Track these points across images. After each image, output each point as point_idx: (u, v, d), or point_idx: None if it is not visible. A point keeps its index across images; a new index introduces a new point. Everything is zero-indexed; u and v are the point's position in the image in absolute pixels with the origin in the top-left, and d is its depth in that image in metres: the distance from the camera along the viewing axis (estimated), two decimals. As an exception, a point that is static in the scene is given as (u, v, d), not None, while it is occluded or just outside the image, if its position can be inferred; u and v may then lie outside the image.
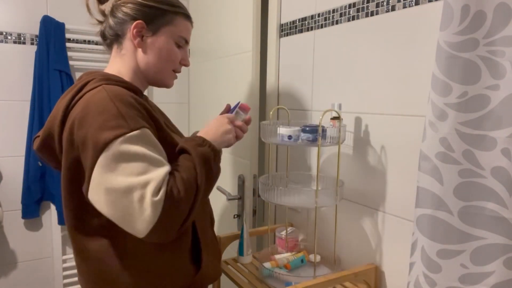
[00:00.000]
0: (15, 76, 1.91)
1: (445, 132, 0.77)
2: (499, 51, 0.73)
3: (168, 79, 1.03)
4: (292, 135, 1.08)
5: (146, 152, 0.80)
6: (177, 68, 1.03)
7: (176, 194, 0.80)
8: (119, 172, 0.78)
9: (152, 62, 0.98)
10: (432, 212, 0.80)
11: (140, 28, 0.95)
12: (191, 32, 1.05)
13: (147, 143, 0.82)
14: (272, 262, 1.19)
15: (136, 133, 0.80)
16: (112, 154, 0.78)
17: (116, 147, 0.78)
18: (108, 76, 0.93)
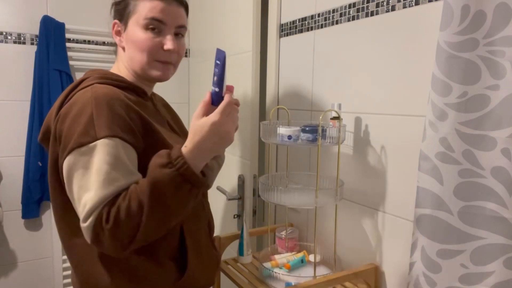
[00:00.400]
0: (15, 76, 1.91)
1: (445, 132, 0.77)
2: (499, 51, 0.73)
3: (151, 71, 0.94)
4: (292, 135, 1.08)
5: (100, 168, 0.77)
6: (160, 56, 0.93)
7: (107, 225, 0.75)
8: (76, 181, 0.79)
9: (131, 58, 0.94)
10: (432, 212, 0.80)
11: (116, 28, 0.96)
12: (164, 9, 0.92)
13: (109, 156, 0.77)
14: (272, 262, 1.19)
15: (100, 142, 0.77)
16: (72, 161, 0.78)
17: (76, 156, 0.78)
18: (105, 75, 0.92)
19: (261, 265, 1.17)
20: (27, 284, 2.02)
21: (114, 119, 0.80)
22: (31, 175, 1.89)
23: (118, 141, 0.79)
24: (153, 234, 0.81)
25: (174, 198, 0.78)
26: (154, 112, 0.99)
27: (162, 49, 0.93)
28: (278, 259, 1.21)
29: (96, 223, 0.76)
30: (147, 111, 0.93)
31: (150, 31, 0.92)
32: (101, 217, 0.75)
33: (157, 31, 0.92)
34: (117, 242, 0.77)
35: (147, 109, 0.94)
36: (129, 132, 0.82)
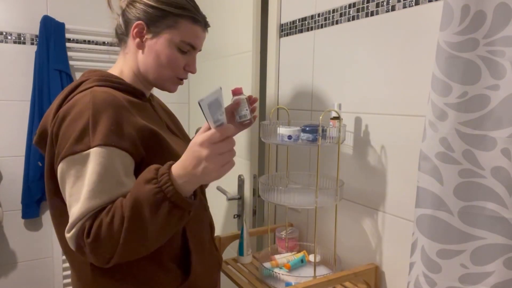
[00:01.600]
0: (15, 76, 1.91)
1: (445, 132, 0.77)
2: (499, 51, 0.73)
3: (168, 85, 0.98)
4: (292, 135, 1.08)
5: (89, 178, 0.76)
6: (180, 74, 0.97)
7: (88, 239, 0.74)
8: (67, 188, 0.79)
9: (150, 66, 0.94)
10: (432, 212, 0.80)
11: (141, 29, 0.92)
12: (200, 36, 0.97)
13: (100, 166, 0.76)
14: (272, 262, 1.19)
15: (93, 150, 0.76)
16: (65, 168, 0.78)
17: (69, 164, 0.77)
18: (104, 77, 0.91)
19: (261, 265, 1.17)
20: (27, 284, 2.02)
21: (111, 126, 0.78)
22: (31, 175, 1.89)
23: (113, 149, 0.77)
24: (134, 252, 0.78)
25: (154, 218, 0.73)
26: (153, 114, 0.98)
27: (183, 68, 0.97)
28: (278, 259, 1.21)
29: (78, 235, 0.75)
30: (147, 114, 0.93)
31: (180, 52, 0.94)
32: (83, 230, 0.75)
33: (186, 53, 0.96)
34: (98, 256, 0.76)
35: (146, 112, 0.94)
36: (127, 140, 0.80)
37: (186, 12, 0.93)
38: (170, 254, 0.90)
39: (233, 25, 1.70)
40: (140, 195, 0.73)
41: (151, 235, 0.76)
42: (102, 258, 0.77)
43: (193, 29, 0.95)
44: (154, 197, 0.73)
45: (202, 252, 0.97)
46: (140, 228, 0.74)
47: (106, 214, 0.75)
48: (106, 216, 0.75)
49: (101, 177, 0.76)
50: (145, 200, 0.73)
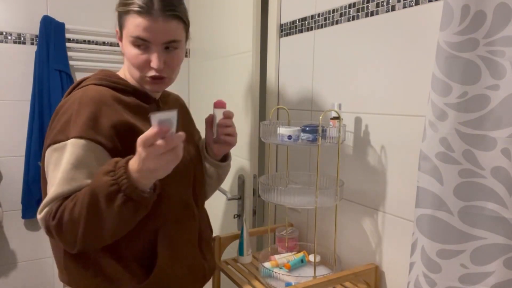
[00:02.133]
0: (15, 76, 1.91)
1: (445, 132, 0.77)
2: (499, 51, 0.73)
3: (144, 84, 0.96)
4: (292, 135, 1.08)
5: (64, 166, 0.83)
6: (148, 72, 0.92)
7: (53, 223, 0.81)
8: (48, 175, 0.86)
9: (128, 67, 0.97)
10: (432, 212, 0.80)
11: (117, 35, 0.98)
12: (149, 27, 0.88)
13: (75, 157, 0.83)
14: (272, 262, 1.19)
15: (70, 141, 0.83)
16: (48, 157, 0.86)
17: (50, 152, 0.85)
18: (105, 76, 0.95)
19: (261, 265, 1.17)
20: (27, 284, 2.02)
21: (90, 121, 0.84)
22: (31, 175, 1.89)
23: (87, 142, 0.83)
24: (94, 240, 0.84)
25: (109, 208, 0.77)
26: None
27: (149, 66, 0.92)
28: (278, 259, 1.21)
29: (46, 217, 0.83)
30: (142, 115, 0.94)
31: (137, 48, 0.90)
32: (50, 212, 0.82)
33: (143, 48, 0.90)
34: (62, 239, 0.83)
35: (143, 113, 0.94)
36: (102, 134, 0.85)
37: (129, 7, 0.89)
38: (134, 252, 0.92)
39: (233, 25, 1.70)
40: (97, 186, 0.78)
41: (107, 225, 0.80)
42: (66, 242, 0.83)
43: (138, 21, 0.88)
44: (109, 188, 0.76)
45: (175, 259, 0.96)
46: (96, 217, 0.79)
47: (71, 200, 0.81)
48: (70, 202, 0.81)
49: (73, 166, 0.82)
50: (101, 191, 0.77)
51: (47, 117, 1.88)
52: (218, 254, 1.29)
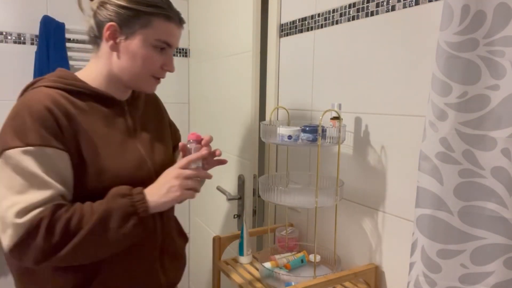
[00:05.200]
0: (15, 76, 1.90)
1: (445, 132, 0.77)
2: (499, 51, 0.73)
3: (145, 85, 0.96)
4: (292, 135, 1.08)
5: (32, 171, 0.78)
6: (157, 73, 0.95)
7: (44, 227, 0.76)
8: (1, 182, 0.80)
9: (126, 67, 0.92)
10: (432, 212, 0.80)
11: (113, 31, 0.91)
12: (175, 33, 0.94)
13: (41, 162, 0.79)
14: (272, 262, 1.19)
15: (31, 148, 0.78)
16: (3, 163, 0.79)
17: (6, 157, 0.79)
18: (59, 78, 0.90)
19: (261, 265, 1.17)
20: (27, 284, 2.02)
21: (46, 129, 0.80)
22: (31, 175, 1.89)
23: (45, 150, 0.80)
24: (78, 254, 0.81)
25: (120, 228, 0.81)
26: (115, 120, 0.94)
27: (160, 68, 0.95)
28: (278, 259, 1.21)
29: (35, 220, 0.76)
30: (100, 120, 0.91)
31: (155, 50, 0.92)
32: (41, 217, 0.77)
33: (160, 51, 0.93)
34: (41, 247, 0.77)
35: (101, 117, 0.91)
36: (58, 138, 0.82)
37: (158, 10, 0.90)
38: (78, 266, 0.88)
39: (233, 25, 1.70)
40: (113, 206, 0.82)
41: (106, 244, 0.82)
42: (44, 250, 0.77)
43: (167, 26, 0.92)
44: (127, 209, 0.82)
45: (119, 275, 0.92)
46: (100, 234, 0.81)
47: (65, 211, 0.79)
48: (65, 213, 0.79)
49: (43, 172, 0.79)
50: (117, 211, 0.81)
51: (47, 117, 1.88)
52: (218, 254, 1.30)
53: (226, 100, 1.81)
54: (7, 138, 0.79)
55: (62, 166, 0.82)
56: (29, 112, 0.81)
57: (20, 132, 0.79)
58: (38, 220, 0.77)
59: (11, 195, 0.78)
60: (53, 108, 0.82)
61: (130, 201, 0.83)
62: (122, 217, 0.81)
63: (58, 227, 0.78)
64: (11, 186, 0.79)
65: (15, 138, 0.79)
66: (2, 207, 0.78)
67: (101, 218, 0.80)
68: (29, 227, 0.77)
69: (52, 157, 0.80)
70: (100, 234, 0.81)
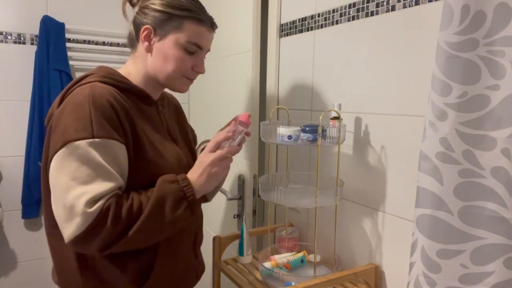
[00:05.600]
0: (15, 76, 1.91)
1: (445, 132, 0.77)
2: (499, 51, 0.73)
3: (177, 85, 1.01)
4: (292, 135, 1.08)
5: (99, 162, 0.81)
6: (188, 74, 1.00)
7: (112, 214, 0.81)
8: (66, 172, 0.81)
9: (159, 67, 0.97)
10: (432, 212, 0.80)
11: (148, 33, 0.95)
12: (206, 36, 0.99)
13: (105, 154, 0.82)
14: (272, 262, 1.19)
15: (97, 140, 0.81)
16: (68, 153, 0.81)
17: (72, 148, 0.81)
18: (109, 74, 0.94)
19: (261, 265, 1.17)
20: (27, 284, 2.02)
21: (109, 122, 0.84)
22: (31, 175, 1.89)
23: (111, 142, 0.83)
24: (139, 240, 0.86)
25: (172, 212, 0.86)
26: (153, 118, 1.00)
27: (191, 69, 0.99)
28: (278, 259, 1.21)
29: (102, 210, 0.80)
30: (143, 117, 0.95)
31: (187, 52, 0.96)
32: (109, 206, 0.81)
33: (193, 53, 0.98)
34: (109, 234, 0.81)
35: (144, 115, 0.96)
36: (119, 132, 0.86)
37: (190, 14, 0.95)
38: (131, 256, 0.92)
39: (233, 25, 1.70)
40: (165, 191, 0.87)
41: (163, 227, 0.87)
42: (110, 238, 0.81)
43: (199, 29, 0.96)
44: (178, 194, 0.88)
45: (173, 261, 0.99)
46: (157, 218, 0.85)
47: (126, 199, 0.84)
48: (126, 201, 0.84)
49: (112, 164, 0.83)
50: (169, 196, 0.86)
51: (47, 117, 1.88)
52: (218, 254, 1.30)
53: (226, 100, 1.81)
54: (71, 130, 0.81)
55: (122, 158, 0.86)
56: (94, 105, 0.83)
57: (86, 124, 0.82)
58: (106, 208, 0.81)
59: (77, 185, 0.81)
60: (114, 103, 0.86)
61: (179, 186, 0.88)
62: (174, 201, 0.87)
63: (123, 213, 0.82)
64: (76, 177, 0.81)
65: (81, 130, 0.81)
66: (70, 197, 0.80)
67: (157, 203, 0.85)
68: (98, 215, 0.80)
69: (115, 149, 0.84)
70: (157, 217, 0.85)
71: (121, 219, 0.82)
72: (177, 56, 0.96)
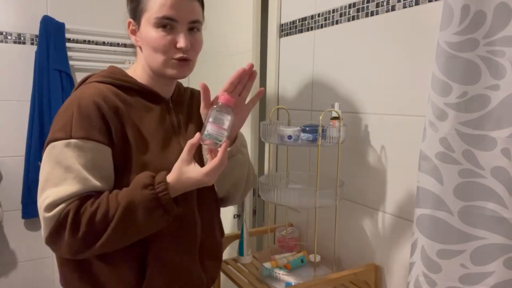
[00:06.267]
0: (15, 76, 1.91)
1: (445, 132, 0.77)
2: (499, 51, 0.73)
3: (166, 70, 0.91)
4: (292, 135, 1.08)
5: (69, 164, 0.80)
6: (173, 54, 0.89)
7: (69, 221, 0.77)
8: (43, 172, 0.83)
9: (147, 57, 0.92)
10: (432, 212, 0.80)
11: (131, 27, 0.93)
12: (177, 5, 0.87)
13: (81, 155, 0.80)
14: (272, 262, 1.19)
15: (74, 141, 0.80)
16: (47, 154, 0.82)
17: (50, 148, 0.81)
18: (110, 74, 0.93)
19: (261, 265, 1.17)
20: (27, 284, 2.02)
21: (91, 121, 0.82)
22: (31, 175, 1.89)
23: (93, 143, 0.81)
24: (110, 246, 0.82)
25: (145, 221, 0.81)
26: (161, 116, 0.95)
27: (175, 47, 0.89)
28: (278, 259, 1.21)
29: (60, 216, 0.78)
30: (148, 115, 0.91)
31: (162, 29, 0.88)
32: (66, 211, 0.78)
33: (169, 28, 0.88)
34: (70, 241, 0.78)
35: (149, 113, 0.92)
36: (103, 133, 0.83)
37: None
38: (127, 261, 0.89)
39: (233, 25, 1.70)
40: (135, 198, 0.80)
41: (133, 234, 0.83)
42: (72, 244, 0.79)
43: (163, 0, 0.87)
44: (150, 203, 0.80)
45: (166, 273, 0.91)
46: (126, 226, 0.80)
47: (91, 204, 0.79)
48: (91, 206, 0.79)
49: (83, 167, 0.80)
50: (140, 204, 0.79)
51: (47, 117, 1.88)
52: (218, 254, 1.30)
53: (226, 100, 1.81)
54: (54, 130, 0.82)
55: (102, 160, 0.83)
56: (78, 106, 0.82)
57: (66, 125, 0.81)
58: (65, 214, 0.78)
59: (48, 188, 0.81)
60: (101, 103, 0.84)
61: (152, 193, 0.80)
62: (146, 210, 0.80)
63: (83, 221, 0.78)
64: (49, 178, 0.81)
65: (61, 130, 0.81)
66: (40, 199, 0.81)
67: (125, 212, 0.79)
68: (56, 221, 0.78)
69: (94, 150, 0.81)
70: (127, 226, 0.81)
71: (80, 227, 0.78)
72: (153, 37, 0.88)
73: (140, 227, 0.82)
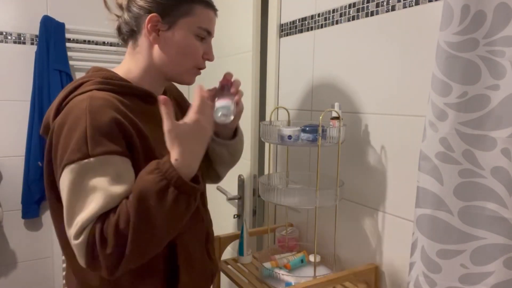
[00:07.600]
0: (15, 76, 1.91)
1: (445, 132, 0.77)
2: (499, 51, 0.73)
3: (187, 77, 0.93)
4: (292, 135, 1.08)
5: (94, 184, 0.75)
6: (200, 63, 0.92)
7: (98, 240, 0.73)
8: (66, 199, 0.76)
9: (169, 59, 0.88)
10: (432, 212, 0.80)
11: (155, 22, 0.86)
12: (214, 21, 0.92)
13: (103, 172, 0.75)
14: (272, 262, 1.19)
15: (93, 160, 0.75)
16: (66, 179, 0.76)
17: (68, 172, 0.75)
18: (106, 79, 0.86)
19: (261, 265, 1.17)
20: (27, 284, 2.02)
21: (107, 133, 0.77)
22: (31, 175, 1.89)
23: (114, 157, 0.77)
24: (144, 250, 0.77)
25: (160, 207, 0.74)
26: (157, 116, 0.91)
27: (202, 58, 0.92)
28: (278, 259, 1.21)
29: (89, 239, 0.74)
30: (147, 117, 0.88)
31: (199, 39, 0.89)
32: (92, 233, 0.74)
33: (203, 40, 0.91)
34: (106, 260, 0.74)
35: (147, 115, 0.89)
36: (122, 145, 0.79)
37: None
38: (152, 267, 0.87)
39: (233, 25, 1.70)
40: (144, 186, 0.74)
41: (159, 227, 0.75)
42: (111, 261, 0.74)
43: (208, 13, 0.89)
44: (159, 184, 0.73)
45: (192, 265, 0.93)
46: (147, 220, 0.74)
47: (113, 215, 0.75)
48: (113, 217, 0.74)
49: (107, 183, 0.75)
50: (149, 190, 0.73)
51: (47, 117, 1.88)
52: (218, 254, 1.29)
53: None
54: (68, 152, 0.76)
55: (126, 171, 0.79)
56: (90, 121, 0.76)
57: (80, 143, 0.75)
58: (92, 235, 0.74)
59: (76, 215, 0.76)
60: (117, 116, 0.78)
61: (158, 175, 0.74)
62: (158, 194, 0.74)
63: (109, 235, 0.73)
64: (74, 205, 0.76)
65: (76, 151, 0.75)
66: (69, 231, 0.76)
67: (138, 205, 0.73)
68: (86, 245, 0.74)
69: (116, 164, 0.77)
70: (147, 218, 0.74)
71: (107, 242, 0.73)
72: (190, 44, 0.88)
73: (163, 216, 0.74)
